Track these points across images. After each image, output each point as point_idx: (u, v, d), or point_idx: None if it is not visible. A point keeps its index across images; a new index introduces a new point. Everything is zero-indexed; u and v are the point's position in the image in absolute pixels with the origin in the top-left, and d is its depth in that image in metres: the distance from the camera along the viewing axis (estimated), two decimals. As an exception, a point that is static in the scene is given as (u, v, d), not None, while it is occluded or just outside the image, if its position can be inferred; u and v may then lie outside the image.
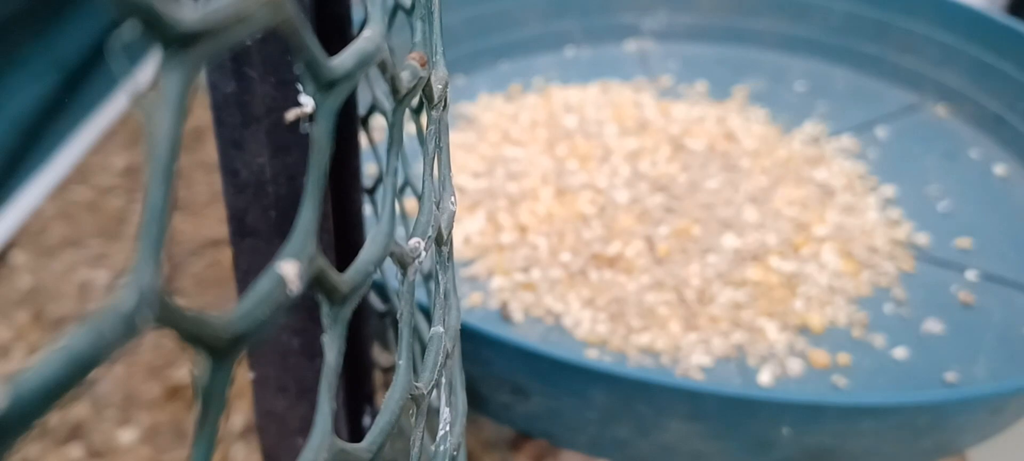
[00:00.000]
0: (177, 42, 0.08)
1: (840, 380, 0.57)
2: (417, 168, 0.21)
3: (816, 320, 0.61)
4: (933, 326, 0.61)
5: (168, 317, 0.09)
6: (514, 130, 0.81)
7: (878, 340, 0.60)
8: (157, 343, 0.68)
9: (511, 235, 0.68)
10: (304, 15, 0.24)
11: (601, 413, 0.51)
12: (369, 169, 0.67)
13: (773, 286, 0.63)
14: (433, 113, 0.20)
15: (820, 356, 0.58)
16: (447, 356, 0.21)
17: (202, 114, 0.26)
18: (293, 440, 0.31)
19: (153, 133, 0.08)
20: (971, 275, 0.66)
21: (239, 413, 0.63)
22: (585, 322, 0.60)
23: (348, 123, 0.31)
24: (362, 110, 0.34)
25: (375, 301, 0.41)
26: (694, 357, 0.58)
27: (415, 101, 0.20)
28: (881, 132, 0.84)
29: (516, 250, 0.67)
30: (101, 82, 0.94)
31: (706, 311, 0.61)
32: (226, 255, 0.67)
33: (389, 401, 0.16)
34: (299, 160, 0.25)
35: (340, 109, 0.12)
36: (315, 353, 0.29)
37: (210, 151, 0.29)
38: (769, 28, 0.98)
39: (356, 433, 0.36)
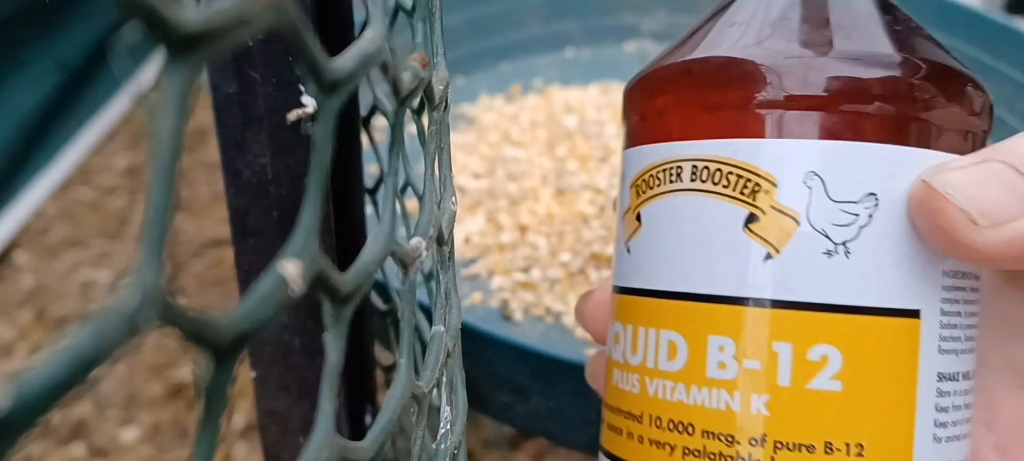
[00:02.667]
0: (180, 43, 0.09)
1: (841, 380, 0.57)
2: (418, 168, 0.22)
3: (817, 320, 0.61)
4: (934, 326, 0.61)
5: (170, 316, 0.09)
6: (514, 131, 0.81)
7: (879, 340, 0.60)
8: (159, 342, 0.68)
9: (511, 235, 0.68)
10: (305, 16, 0.24)
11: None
12: (370, 169, 0.67)
13: (774, 286, 0.63)
14: (434, 114, 0.20)
15: (821, 356, 0.58)
16: (448, 355, 0.21)
17: (204, 115, 0.26)
18: (295, 439, 0.31)
19: (155, 133, 0.09)
20: (972, 275, 0.66)
21: (241, 412, 0.63)
22: (586, 322, 0.60)
23: (349, 124, 0.31)
24: (363, 111, 0.34)
25: (376, 300, 0.41)
26: (695, 357, 0.58)
27: (416, 102, 0.20)
28: (882, 132, 0.84)
29: (516, 250, 0.67)
30: (103, 83, 0.95)
31: (707, 311, 0.61)
32: (228, 255, 0.68)
33: (390, 400, 0.16)
34: (301, 160, 0.25)
35: (341, 110, 0.12)
36: (317, 352, 0.29)
37: (212, 151, 0.29)
38: (770, 28, 0.98)
39: (357, 432, 0.36)
